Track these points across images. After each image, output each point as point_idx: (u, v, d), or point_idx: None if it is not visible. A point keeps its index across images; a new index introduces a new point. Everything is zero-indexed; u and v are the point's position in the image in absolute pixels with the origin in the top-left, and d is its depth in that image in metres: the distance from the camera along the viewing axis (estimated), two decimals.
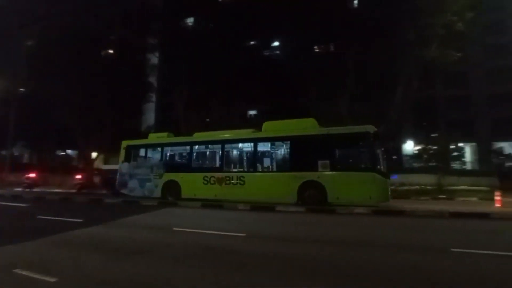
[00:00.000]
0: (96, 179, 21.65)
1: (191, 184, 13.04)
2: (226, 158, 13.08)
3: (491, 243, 5.90)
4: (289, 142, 11.88)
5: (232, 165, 13.21)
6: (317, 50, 23.52)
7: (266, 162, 12.73)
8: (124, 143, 15.36)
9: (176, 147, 14.88)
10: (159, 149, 14.65)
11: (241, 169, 12.75)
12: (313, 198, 10.84)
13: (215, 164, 13.40)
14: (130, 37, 24.62)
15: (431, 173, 18.52)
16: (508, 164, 23.30)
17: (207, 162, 14.09)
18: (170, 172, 13.70)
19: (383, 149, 11.42)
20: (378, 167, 10.59)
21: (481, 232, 7.05)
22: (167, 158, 14.62)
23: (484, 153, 28.81)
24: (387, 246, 5.69)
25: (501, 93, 29.71)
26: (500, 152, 29.04)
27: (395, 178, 21.29)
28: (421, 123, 31.49)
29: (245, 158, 12.98)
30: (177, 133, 16.94)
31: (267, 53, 25.03)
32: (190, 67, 22.11)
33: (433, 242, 5.99)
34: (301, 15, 19.60)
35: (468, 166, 29.52)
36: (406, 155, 29.31)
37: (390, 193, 10.87)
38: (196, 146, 13.93)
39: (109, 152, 26.43)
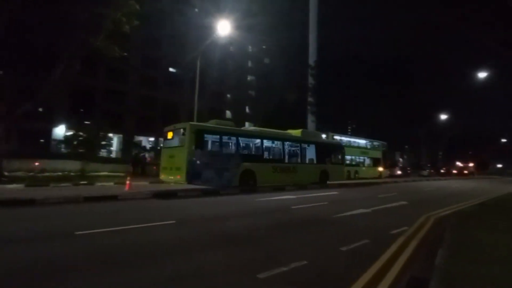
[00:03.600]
0: None
1: (265, 173, 15.15)
2: (285, 152, 16.76)
3: (112, 222, 6.70)
4: (316, 145, 18.57)
5: (288, 157, 16.93)
6: None
7: (306, 156, 18.12)
8: (193, 126, 13.10)
9: (249, 138, 15.60)
10: (233, 138, 14.62)
11: (295, 161, 17.34)
12: (324, 179, 18.43)
13: (280, 156, 16.48)
14: None
15: (77, 160, 18.64)
16: (142, 154, 28.52)
17: (273, 154, 16.40)
18: (246, 162, 14.55)
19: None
20: (344, 161, 21.27)
21: (106, 213, 8.05)
22: (242, 148, 15.05)
23: (127, 144, 33.55)
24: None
25: (150, 96, 36.30)
26: (139, 144, 35.20)
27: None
28: (78, 109, 31.14)
29: (295, 153, 17.57)
30: None
31: None
32: None
33: (60, 229, 6.06)
34: None
35: (114, 155, 32.97)
36: (56, 140, 27.35)
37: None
38: (265, 140, 16.02)
39: None
